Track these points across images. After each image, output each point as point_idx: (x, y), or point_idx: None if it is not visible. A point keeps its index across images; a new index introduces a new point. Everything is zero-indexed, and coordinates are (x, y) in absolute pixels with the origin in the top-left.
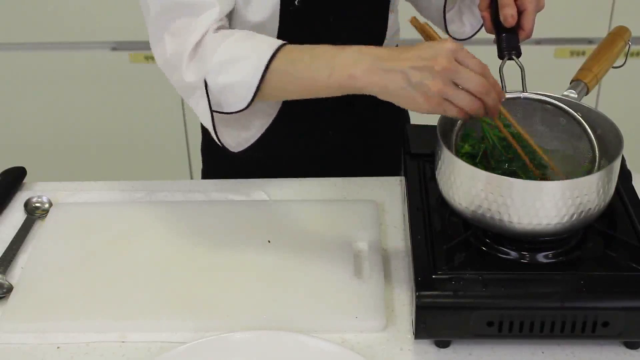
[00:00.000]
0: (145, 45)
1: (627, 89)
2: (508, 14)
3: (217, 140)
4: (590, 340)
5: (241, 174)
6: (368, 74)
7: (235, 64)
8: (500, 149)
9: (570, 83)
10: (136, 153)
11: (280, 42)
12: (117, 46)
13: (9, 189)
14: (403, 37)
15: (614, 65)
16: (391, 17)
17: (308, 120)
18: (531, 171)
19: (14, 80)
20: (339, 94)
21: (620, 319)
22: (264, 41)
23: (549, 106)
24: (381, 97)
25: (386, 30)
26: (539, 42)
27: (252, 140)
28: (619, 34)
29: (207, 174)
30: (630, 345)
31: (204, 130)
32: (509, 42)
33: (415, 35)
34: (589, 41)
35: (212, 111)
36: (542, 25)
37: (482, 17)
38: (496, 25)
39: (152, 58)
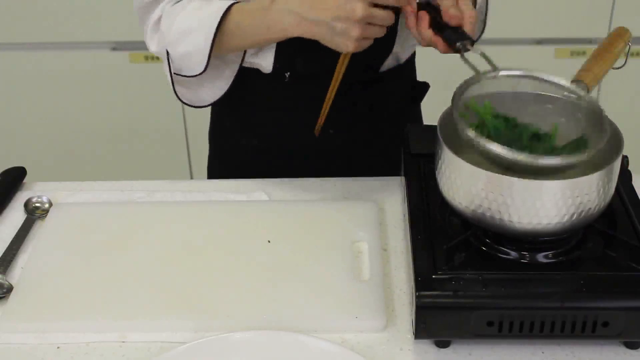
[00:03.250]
0: (145, 45)
1: (627, 89)
2: (453, 14)
3: (177, 97)
4: (590, 340)
5: (245, 160)
6: (297, 27)
7: (190, 35)
8: (502, 128)
9: (571, 83)
10: (136, 153)
11: (227, 5)
12: (117, 46)
13: (9, 189)
14: None
15: (614, 66)
16: (404, 28)
17: (309, 114)
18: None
19: (14, 80)
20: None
21: (620, 319)
22: (214, 9)
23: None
24: (314, 39)
25: (394, 41)
26: (539, 42)
27: (211, 100)
28: (619, 35)
29: (212, 158)
30: (630, 345)
31: (212, 116)
32: (457, 35)
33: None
34: (589, 41)
35: (171, 75)
36: (542, 25)
37: (433, 41)
38: (439, 28)
39: (152, 58)
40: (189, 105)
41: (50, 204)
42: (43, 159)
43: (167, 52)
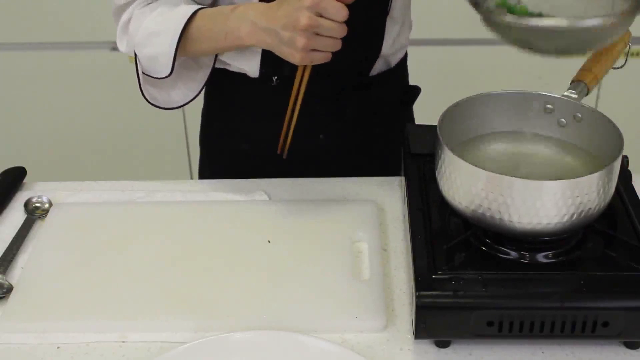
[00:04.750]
0: None
1: (627, 89)
2: None
3: (145, 98)
4: (590, 340)
5: (234, 164)
6: (251, 35)
7: (156, 37)
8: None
9: (571, 83)
10: (136, 153)
11: (193, 10)
12: (117, 46)
13: (9, 189)
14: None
15: (614, 66)
16: (392, 29)
17: (298, 118)
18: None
19: (14, 80)
20: (239, 49)
21: (620, 319)
22: (180, 13)
23: None
24: (268, 49)
25: (382, 43)
26: None
27: (182, 102)
28: None
29: (203, 161)
30: (630, 345)
31: (202, 120)
32: None
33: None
34: None
35: (138, 77)
36: None
37: None
38: None
39: None
40: (156, 107)
41: (50, 204)
42: (43, 159)
43: (135, 54)
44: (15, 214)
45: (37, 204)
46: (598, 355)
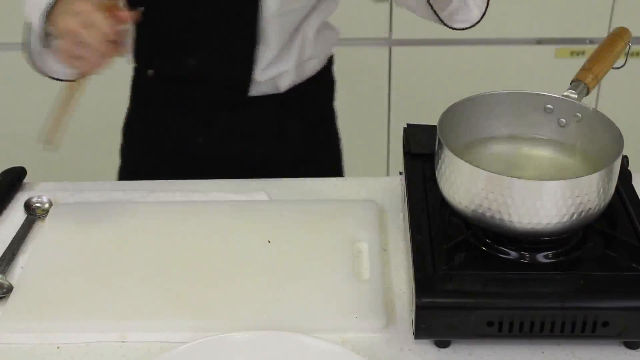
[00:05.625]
0: None
1: (627, 89)
2: None
3: (35, 69)
4: (590, 340)
5: (137, 147)
6: (56, 22)
7: (34, 9)
8: None
9: (571, 83)
10: None
11: None
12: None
13: (9, 189)
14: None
15: (614, 66)
16: (266, 56)
17: (179, 115)
18: None
19: (14, 80)
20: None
21: (620, 319)
22: None
23: None
24: None
25: (252, 69)
26: (539, 42)
27: (57, 76)
28: (619, 35)
29: (124, 171)
30: (630, 345)
31: (124, 131)
32: None
33: None
34: (589, 41)
35: (27, 44)
36: (542, 25)
37: None
38: None
39: None
40: (41, 74)
41: (50, 204)
42: (43, 159)
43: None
44: (15, 214)
45: (37, 204)
46: (598, 355)
